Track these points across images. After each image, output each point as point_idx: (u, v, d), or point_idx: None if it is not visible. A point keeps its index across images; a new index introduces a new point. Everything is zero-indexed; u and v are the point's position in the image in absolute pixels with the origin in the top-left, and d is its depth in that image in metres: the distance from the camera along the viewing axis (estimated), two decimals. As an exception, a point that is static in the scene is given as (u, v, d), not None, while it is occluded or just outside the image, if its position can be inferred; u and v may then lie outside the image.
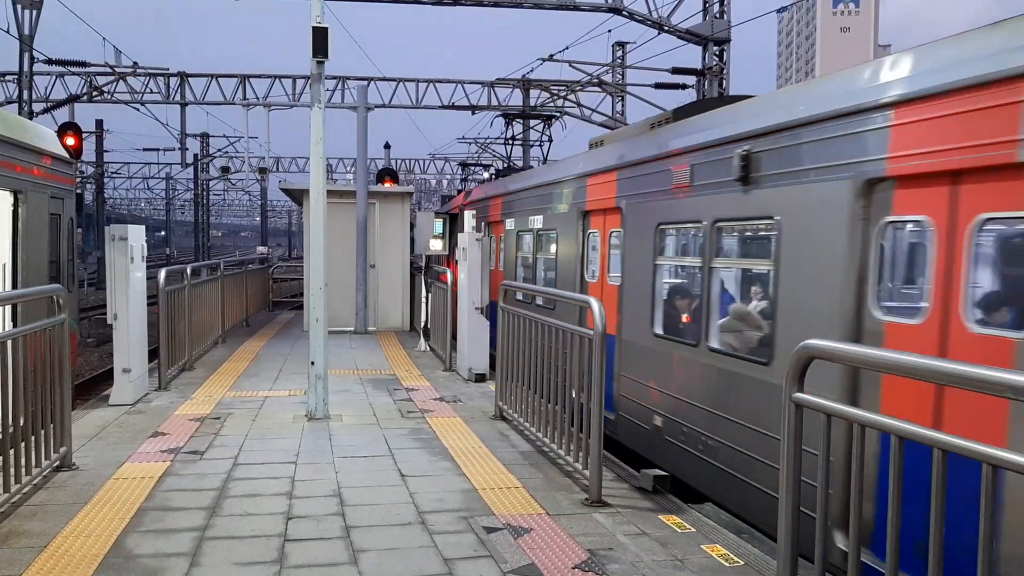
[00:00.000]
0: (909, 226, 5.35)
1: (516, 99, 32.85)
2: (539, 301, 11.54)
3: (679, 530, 5.48)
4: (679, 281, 8.67)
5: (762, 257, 7.08)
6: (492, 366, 10.08)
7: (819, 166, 5.97)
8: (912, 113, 5.11)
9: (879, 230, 5.42)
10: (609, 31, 26.43)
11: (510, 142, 26.85)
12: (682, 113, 9.39)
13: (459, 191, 34.71)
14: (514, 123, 27.02)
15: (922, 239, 5.16)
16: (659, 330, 8.44)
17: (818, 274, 5.91)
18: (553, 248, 12.32)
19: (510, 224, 15.01)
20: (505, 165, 24.37)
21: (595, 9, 21.73)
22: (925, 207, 5.05)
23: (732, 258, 7.70)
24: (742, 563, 4.92)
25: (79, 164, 33.13)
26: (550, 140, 25.31)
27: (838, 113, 5.75)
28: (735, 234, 7.56)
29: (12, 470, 5.67)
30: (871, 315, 5.47)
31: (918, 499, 4.02)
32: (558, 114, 27.51)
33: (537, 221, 13.17)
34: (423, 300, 14.94)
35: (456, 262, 12.39)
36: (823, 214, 5.84)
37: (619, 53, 29.40)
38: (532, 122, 27.52)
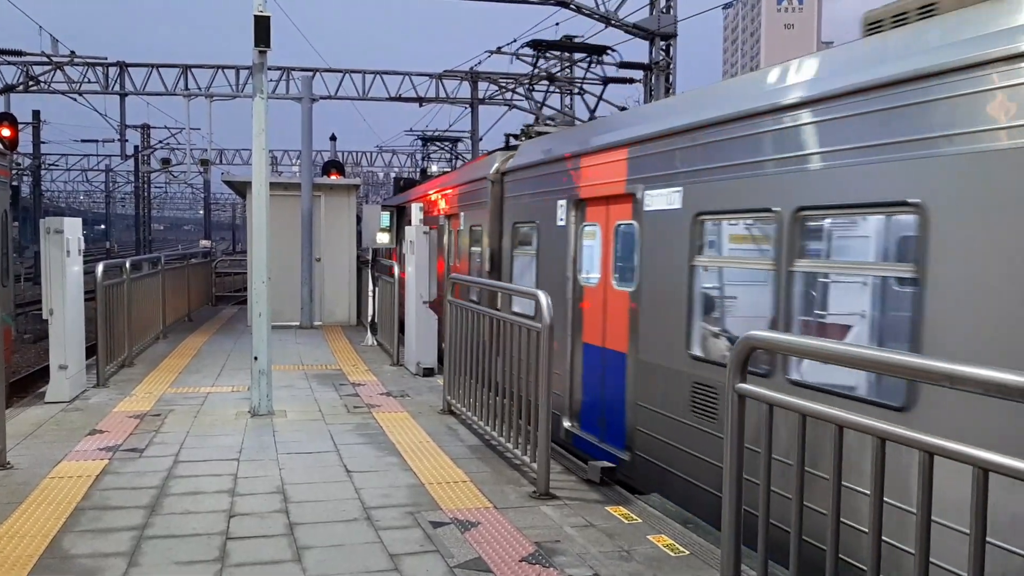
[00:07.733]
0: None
1: (464, 91, 32.70)
2: None
3: (626, 521, 5.51)
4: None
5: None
6: (440, 360, 10.06)
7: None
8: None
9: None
10: (557, 24, 26.22)
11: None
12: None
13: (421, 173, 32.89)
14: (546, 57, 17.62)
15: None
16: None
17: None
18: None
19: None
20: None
21: (543, 2, 21.73)
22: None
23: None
24: (688, 553, 4.96)
25: (15, 156, 32.20)
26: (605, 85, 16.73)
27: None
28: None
29: (-59, 471, 5.50)
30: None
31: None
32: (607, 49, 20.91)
33: None
34: (370, 294, 14.80)
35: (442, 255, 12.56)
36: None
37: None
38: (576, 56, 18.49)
